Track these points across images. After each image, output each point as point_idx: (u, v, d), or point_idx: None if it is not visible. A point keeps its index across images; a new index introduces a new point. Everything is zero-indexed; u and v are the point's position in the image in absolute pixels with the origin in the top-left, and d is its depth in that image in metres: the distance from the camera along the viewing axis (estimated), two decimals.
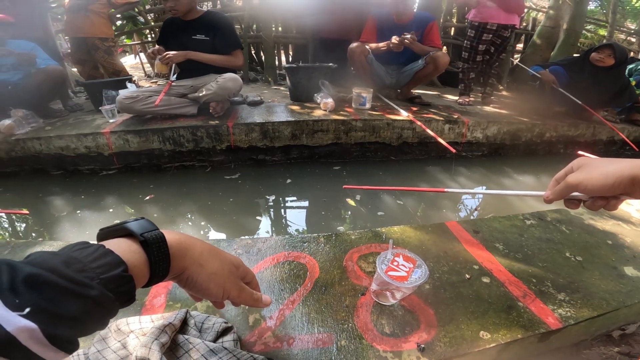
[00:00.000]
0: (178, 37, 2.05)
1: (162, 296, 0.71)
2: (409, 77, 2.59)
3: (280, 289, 0.73)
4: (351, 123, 2.05)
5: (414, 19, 2.50)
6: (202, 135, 1.91)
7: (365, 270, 0.79)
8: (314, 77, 2.49)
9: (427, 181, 1.97)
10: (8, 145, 1.94)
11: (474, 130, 2.28)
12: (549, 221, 1.08)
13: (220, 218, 1.52)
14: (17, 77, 2.29)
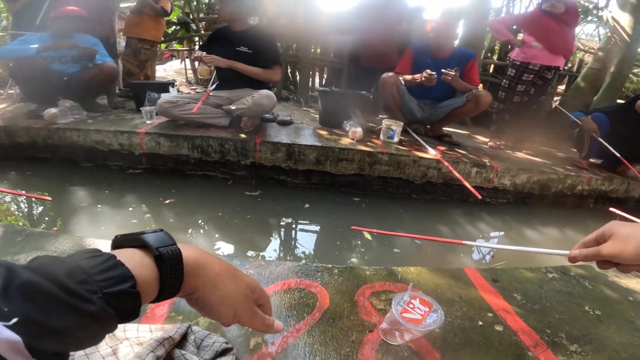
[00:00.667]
0: (224, 46, 2.14)
1: (165, 306, 0.71)
2: (444, 113, 2.54)
3: (287, 315, 0.71)
4: (377, 156, 2.04)
5: (453, 54, 2.48)
6: (230, 148, 1.95)
7: (376, 307, 0.77)
8: (345, 103, 2.51)
9: (447, 224, 1.91)
10: (47, 133, 2.04)
11: (502, 176, 2.21)
12: (572, 276, 1.06)
13: (235, 233, 1.52)
14: (73, 70, 2.45)
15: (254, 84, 2.17)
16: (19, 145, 2.10)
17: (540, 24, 2.54)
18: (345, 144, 2.09)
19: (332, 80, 4.61)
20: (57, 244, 0.88)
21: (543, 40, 2.53)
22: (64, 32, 2.37)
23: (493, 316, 0.79)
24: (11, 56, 2.24)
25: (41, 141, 2.05)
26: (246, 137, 1.96)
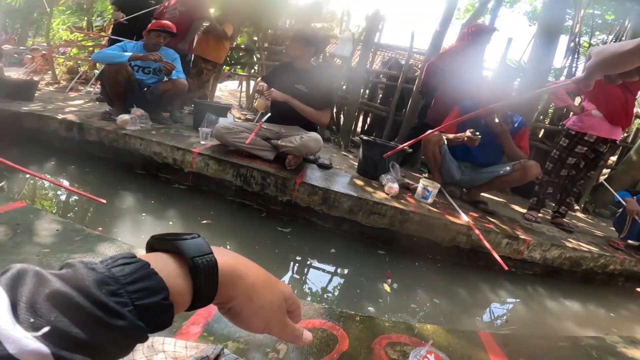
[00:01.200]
0: (284, 80, 2.28)
1: (199, 325, 0.77)
2: (485, 179, 2.48)
3: (308, 352, 0.76)
4: (409, 214, 2.06)
5: (505, 118, 2.42)
6: (271, 182, 2.06)
7: (390, 356, 0.81)
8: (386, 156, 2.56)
9: (468, 288, 1.90)
10: (115, 136, 2.27)
11: (533, 250, 2.15)
12: (582, 345, 1.12)
13: (262, 264, 1.57)
14: (152, 81, 2.72)
15: (304, 124, 2.31)
16: (87, 142, 2.34)
17: (603, 90, 2.39)
18: (380, 198, 2.13)
19: (374, 128, 4.76)
20: (111, 251, 0.98)
21: (604, 109, 2.39)
22: (155, 44, 2.65)
23: None
24: (107, 60, 2.47)
25: (108, 143, 2.27)
26: (287, 175, 2.07)
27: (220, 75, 5.38)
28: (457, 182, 2.67)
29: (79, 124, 2.33)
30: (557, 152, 2.62)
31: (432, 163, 2.61)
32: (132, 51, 2.57)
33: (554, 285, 2.16)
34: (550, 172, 2.65)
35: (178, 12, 3.29)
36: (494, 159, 2.50)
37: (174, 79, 2.64)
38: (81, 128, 2.33)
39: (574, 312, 1.95)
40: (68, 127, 2.35)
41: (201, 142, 2.32)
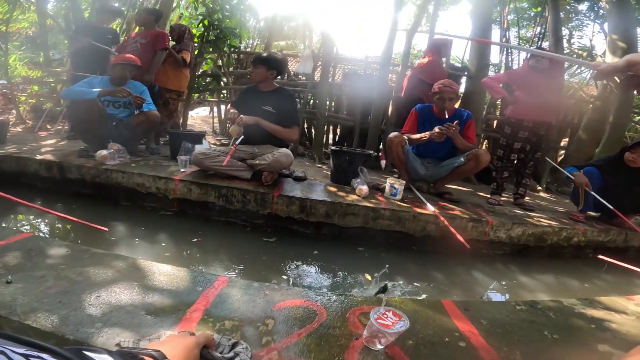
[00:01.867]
0: (251, 103, 2.49)
1: (200, 311, 0.93)
2: (446, 172, 2.74)
3: (292, 324, 0.93)
4: (380, 211, 2.28)
5: (454, 114, 2.71)
6: (251, 198, 2.24)
7: (363, 323, 0.97)
8: (354, 162, 2.80)
9: (444, 272, 2.09)
10: (96, 172, 2.37)
11: (497, 230, 2.38)
12: (539, 308, 1.22)
13: (252, 270, 1.76)
14: (123, 115, 2.79)
15: (275, 142, 2.50)
16: (68, 180, 2.42)
17: (529, 79, 2.77)
18: (352, 200, 2.35)
19: (345, 138, 5.02)
20: (114, 262, 1.14)
21: (532, 96, 2.72)
22: (121, 78, 2.72)
23: (459, 335, 0.99)
24: (77, 97, 2.54)
25: (89, 179, 2.37)
26: (265, 190, 2.25)
27: (190, 102, 5.50)
28: (422, 178, 2.92)
29: (59, 163, 2.42)
30: (504, 139, 2.96)
31: (397, 162, 2.86)
32: (99, 86, 2.63)
33: (525, 262, 2.35)
34: (501, 158, 2.97)
35: (139, 45, 3.38)
36: (451, 152, 2.76)
37: (146, 111, 2.73)
38: (61, 167, 2.42)
39: (547, 285, 2.11)
40: (48, 167, 2.44)
41: (181, 170, 2.46)
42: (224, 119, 5.68)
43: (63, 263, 1.09)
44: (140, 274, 1.09)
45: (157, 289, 1.02)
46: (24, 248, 1.15)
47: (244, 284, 1.12)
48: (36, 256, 1.11)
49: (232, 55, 5.58)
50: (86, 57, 3.43)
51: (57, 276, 1.01)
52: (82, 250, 1.19)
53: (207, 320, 0.90)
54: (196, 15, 6.12)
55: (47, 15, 5.57)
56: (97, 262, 1.12)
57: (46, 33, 5.65)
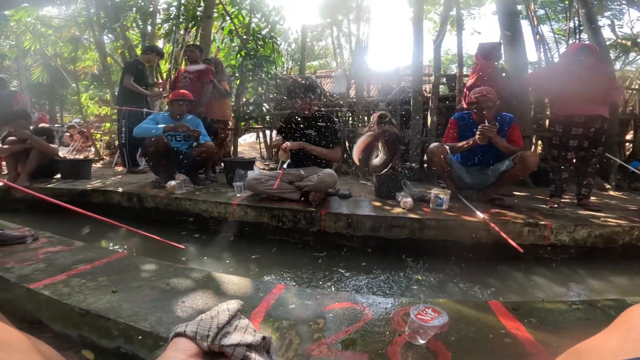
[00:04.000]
0: (295, 129, 2.70)
1: (262, 314, 1.08)
2: (493, 178, 2.69)
3: (340, 322, 1.05)
4: (425, 222, 2.32)
5: (495, 119, 2.66)
6: (301, 218, 2.42)
7: (406, 321, 1.02)
8: (397, 176, 2.88)
9: (499, 279, 2.04)
10: (168, 200, 2.73)
11: (558, 233, 2.28)
12: (599, 307, 1.17)
13: (305, 280, 1.91)
14: (184, 147, 3.20)
15: (320, 163, 2.69)
16: (146, 209, 2.81)
17: (574, 73, 2.66)
18: (397, 212, 2.41)
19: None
20: (192, 275, 1.35)
21: (579, 90, 2.60)
22: (179, 112, 3.13)
23: (505, 332, 1.01)
24: (145, 134, 2.95)
25: (163, 207, 2.73)
26: (313, 209, 2.42)
27: (238, 131, 5.95)
28: (470, 186, 2.89)
29: (137, 194, 2.83)
30: (557, 138, 2.83)
31: (441, 173, 2.86)
32: (162, 122, 3.05)
33: (595, 265, 2.20)
34: (557, 158, 2.83)
35: (189, 80, 3.81)
36: (497, 158, 2.70)
37: (202, 142, 3.09)
38: (139, 197, 2.82)
39: (620, 287, 1.97)
40: (129, 198, 2.86)
41: (237, 195, 2.73)
42: (271, 144, 6.05)
43: (154, 276, 1.33)
44: (214, 283, 1.29)
45: (227, 295, 1.21)
46: (122, 264, 1.42)
47: (298, 289, 1.27)
48: (133, 271, 1.37)
49: (270, 82, 5.94)
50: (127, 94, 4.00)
51: (150, 286, 1.25)
52: (167, 265, 1.44)
53: (267, 320, 1.05)
54: (232, 46, 6.72)
55: (105, 53, 6.32)
56: (180, 275, 1.34)
57: (108, 71, 6.46)
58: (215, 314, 0.61)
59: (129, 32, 5.95)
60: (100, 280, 1.27)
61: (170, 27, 6.06)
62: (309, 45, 9.82)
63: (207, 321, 0.59)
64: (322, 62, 15.71)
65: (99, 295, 1.16)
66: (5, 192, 3.11)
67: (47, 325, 1.19)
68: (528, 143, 3.99)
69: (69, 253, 1.52)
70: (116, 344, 1.05)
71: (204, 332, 0.57)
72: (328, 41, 12.66)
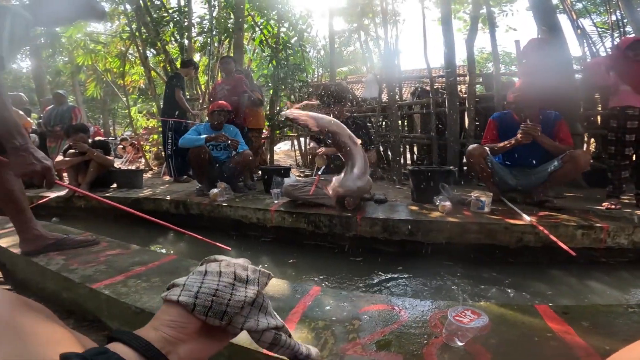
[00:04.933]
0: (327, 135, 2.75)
1: (299, 314, 1.11)
2: (542, 179, 2.55)
3: (375, 324, 1.05)
4: (466, 225, 2.24)
5: (538, 118, 2.54)
6: (337, 223, 2.44)
7: (444, 324, 1.00)
8: (434, 180, 2.80)
9: (549, 284, 1.93)
10: (211, 207, 2.88)
11: (616, 236, 2.12)
12: None
13: (342, 283, 1.93)
14: (224, 156, 3.37)
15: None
16: (191, 215, 2.99)
17: (628, 65, 2.52)
18: (435, 216, 2.36)
19: (423, 156, 4.99)
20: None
21: (630, 83, 2.47)
22: (218, 123, 3.31)
23: (552, 335, 0.95)
24: (189, 144, 3.14)
25: (206, 214, 2.89)
26: (349, 214, 2.43)
27: (274, 139, 6.11)
28: (514, 188, 2.75)
29: (184, 201, 3.02)
30: (612, 134, 2.66)
31: (482, 175, 2.77)
32: (203, 132, 3.23)
33: None
34: (614, 155, 2.65)
35: (226, 91, 4.00)
36: (544, 158, 2.56)
37: (241, 151, 3.24)
38: (185, 205, 3.01)
39: None
40: (176, 205, 3.06)
41: (275, 202, 2.82)
42: (306, 151, 6.16)
43: None
44: None
45: (267, 296, 1.26)
46: (173, 266, 1.53)
47: (334, 292, 1.29)
48: (182, 272, 1.46)
49: (302, 90, 6.04)
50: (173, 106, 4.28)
51: None
52: None
53: (304, 321, 1.08)
54: (264, 57, 6.92)
55: (149, 67, 6.74)
56: None
57: (153, 84, 6.90)
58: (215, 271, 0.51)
59: (168, 46, 6.36)
60: (153, 280, 1.37)
61: (205, 40, 6.42)
62: (338, 51, 9.87)
63: (210, 285, 0.48)
64: (352, 68, 15.73)
65: (152, 295, 1.25)
66: (67, 201, 3.46)
67: (104, 324, 1.31)
68: (579, 141, 3.73)
69: (126, 256, 1.66)
70: None
71: (215, 306, 0.47)
72: (356, 46, 12.68)
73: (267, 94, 5.82)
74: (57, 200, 3.38)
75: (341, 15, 8.59)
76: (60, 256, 1.63)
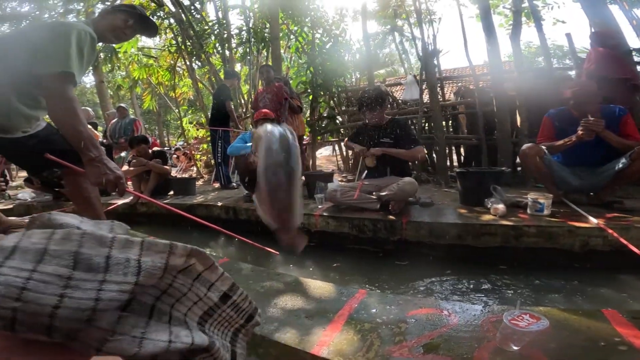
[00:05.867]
0: (368, 139, 2.75)
1: (345, 315, 1.12)
2: (607, 178, 2.32)
3: (423, 327, 1.03)
4: (522, 229, 2.10)
5: (601, 113, 2.32)
6: (381, 227, 2.42)
7: (498, 328, 0.96)
8: (484, 182, 2.66)
9: (619, 289, 1.75)
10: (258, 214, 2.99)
11: None
12: None
13: (387, 287, 1.91)
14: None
15: (399, 172, 2.67)
16: (239, 221, 3.13)
17: None
18: (487, 220, 2.25)
19: (471, 157, 4.76)
20: (283, 279, 1.46)
21: None
22: None
23: (620, 340, 0.87)
24: (237, 152, 3.31)
25: (254, 219, 3.00)
26: (394, 218, 2.40)
27: (315, 145, 6.18)
28: (578, 189, 2.53)
29: (233, 207, 3.18)
30: None
31: (538, 176, 2.60)
32: (249, 141, 3.34)
33: None
34: None
35: (267, 99, 4.14)
36: (609, 155, 2.33)
37: None
38: (235, 210, 3.17)
39: None
40: (226, 211, 3.23)
41: (319, 206, 2.86)
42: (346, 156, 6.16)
43: (251, 279, 1.49)
44: (301, 287, 1.39)
45: (313, 298, 1.29)
46: (226, 268, 1.56)
47: (381, 295, 1.29)
48: (234, 274, 1.55)
49: (341, 95, 6.06)
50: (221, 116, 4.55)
51: (248, 288, 1.40)
52: (261, 270, 1.60)
53: (350, 323, 1.09)
54: (301, 64, 7.02)
55: (196, 79, 7.11)
56: (272, 279, 1.48)
57: (200, 95, 7.26)
58: (35, 248, 0.28)
59: (212, 57, 6.73)
60: None
61: (244, 50, 6.70)
62: (373, 54, 9.75)
63: (9, 280, 0.26)
64: (390, 70, 15.44)
65: None
66: (131, 207, 3.80)
67: None
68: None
69: None
70: None
71: (22, 317, 0.26)
72: (391, 48, 12.43)
73: (306, 100, 5.91)
74: (123, 207, 3.72)
75: (373, 18, 8.51)
76: None
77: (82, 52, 1.37)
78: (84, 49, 1.38)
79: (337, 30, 6.47)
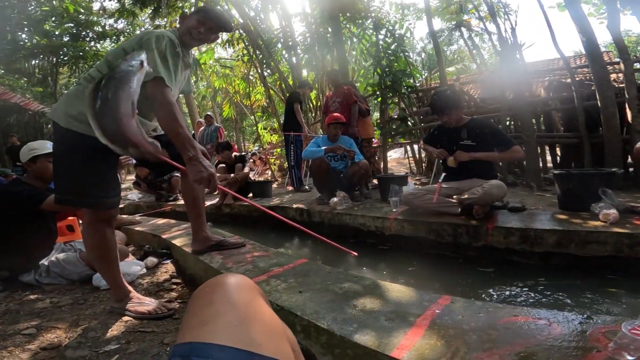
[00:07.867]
0: (447, 141, 2.58)
1: (427, 320, 1.05)
2: None
3: (517, 336, 0.93)
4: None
5: None
6: (462, 232, 2.26)
7: (610, 339, 0.85)
8: (589, 184, 2.31)
9: None
10: (331, 215, 3.04)
11: None
12: None
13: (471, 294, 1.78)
14: (341, 166, 3.53)
15: (483, 175, 2.46)
16: (313, 222, 3.21)
17: None
18: (594, 226, 1.96)
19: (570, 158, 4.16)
20: (360, 281, 1.42)
21: None
22: (335, 135, 3.47)
23: None
24: (311, 156, 3.40)
25: (327, 221, 3.07)
26: (478, 223, 2.22)
27: (386, 147, 6.04)
28: None
29: (307, 209, 3.28)
30: None
31: None
32: (322, 144, 3.45)
33: None
34: None
35: (337, 104, 4.17)
36: None
37: (357, 161, 3.32)
38: (309, 212, 3.26)
39: None
40: (300, 213, 3.35)
41: (393, 210, 2.78)
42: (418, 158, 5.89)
43: (329, 280, 1.50)
44: (379, 290, 1.35)
45: (392, 301, 1.24)
46: (304, 269, 1.65)
47: (467, 301, 1.18)
48: (313, 275, 1.57)
49: (411, 95, 5.82)
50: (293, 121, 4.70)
51: (326, 289, 1.40)
52: (339, 271, 1.60)
53: (433, 328, 1.02)
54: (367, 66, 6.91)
55: (268, 86, 7.42)
56: (350, 280, 1.47)
57: (273, 102, 7.57)
58: None
59: (280, 65, 7.01)
60: (290, 281, 1.49)
61: (310, 56, 6.86)
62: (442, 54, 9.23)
63: None
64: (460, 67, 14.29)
65: (290, 294, 1.36)
66: (217, 208, 4.18)
67: None
68: None
69: (266, 258, 1.85)
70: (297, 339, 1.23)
71: None
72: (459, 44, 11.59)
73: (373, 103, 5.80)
74: (210, 208, 4.12)
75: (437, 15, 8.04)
76: (219, 255, 1.91)
77: (164, 56, 1.41)
78: (166, 53, 1.42)
79: (401, 30, 6.27)
